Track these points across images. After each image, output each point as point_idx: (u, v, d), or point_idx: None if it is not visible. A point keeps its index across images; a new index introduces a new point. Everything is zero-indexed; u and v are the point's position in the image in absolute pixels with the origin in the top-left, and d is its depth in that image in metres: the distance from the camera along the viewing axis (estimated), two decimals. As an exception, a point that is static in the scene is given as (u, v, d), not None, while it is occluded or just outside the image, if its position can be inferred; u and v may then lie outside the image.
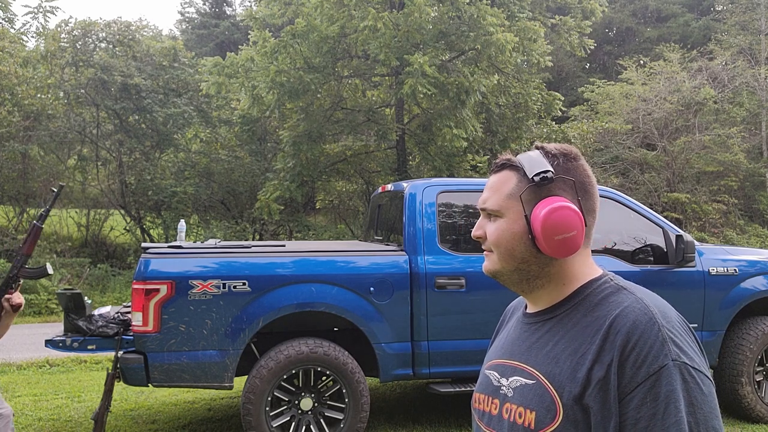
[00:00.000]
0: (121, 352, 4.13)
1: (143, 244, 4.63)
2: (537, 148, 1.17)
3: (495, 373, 1.20)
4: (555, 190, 1.12)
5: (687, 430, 0.95)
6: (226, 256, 4.28)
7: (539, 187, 1.12)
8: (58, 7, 31.33)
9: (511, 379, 1.15)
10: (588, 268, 1.15)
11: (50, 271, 2.95)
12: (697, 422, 0.96)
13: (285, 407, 4.23)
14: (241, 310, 4.13)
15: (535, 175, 1.11)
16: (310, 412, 4.25)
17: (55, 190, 2.98)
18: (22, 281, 2.90)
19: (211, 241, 5.02)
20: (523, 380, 1.12)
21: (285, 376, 4.18)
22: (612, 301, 1.07)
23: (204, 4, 33.98)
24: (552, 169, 1.11)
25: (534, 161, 1.14)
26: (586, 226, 1.11)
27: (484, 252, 1.19)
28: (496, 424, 1.16)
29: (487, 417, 1.19)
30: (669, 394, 0.95)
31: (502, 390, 1.16)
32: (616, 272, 4.26)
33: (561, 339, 1.09)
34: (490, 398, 1.19)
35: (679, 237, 4.74)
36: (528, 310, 1.20)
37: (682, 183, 17.08)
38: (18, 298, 2.88)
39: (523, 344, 1.17)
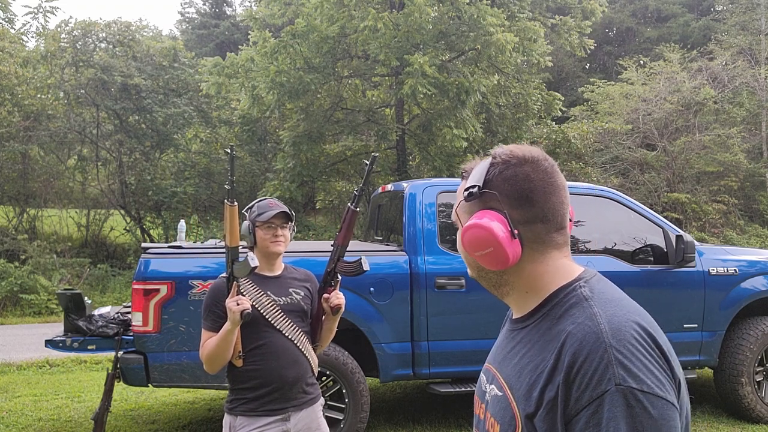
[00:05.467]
0: (121, 352, 4.14)
1: (143, 244, 4.63)
2: (492, 155, 1.13)
3: (484, 377, 1.20)
4: (489, 203, 1.09)
5: None
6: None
7: (471, 203, 1.11)
8: (58, 8, 31.35)
9: (490, 387, 1.13)
10: (555, 275, 1.09)
11: (366, 267, 2.43)
12: None
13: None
14: (241, 310, 4.11)
15: (465, 190, 1.11)
16: (310, 412, 4.24)
17: (368, 162, 2.45)
18: (340, 278, 2.44)
19: (211, 241, 5.02)
20: (496, 390, 1.10)
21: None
22: (571, 315, 1.02)
23: (204, 4, 33.99)
24: (480, 184, 1.09)
25: (474, 174, 1.12)
26: (515, 238, 1.06)
27: None
28: (482, 429, 1.14)
29: (477, 419, 1.19)
30: (609, 421, 0.90)
31: (486, 396, 1.15)
32: (616, 273, 4.21)
33: (528, 351, 1.06)
34: (480, 402, 1.19)
35: (679, 237, 4.74)
36: (513, 316, 1.18)
37: (682, 183, 17.08)
38: (337, 298, 2.39)
39: (502, 351, 1.15)
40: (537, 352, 1.03)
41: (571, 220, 1.18)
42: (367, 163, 2.45)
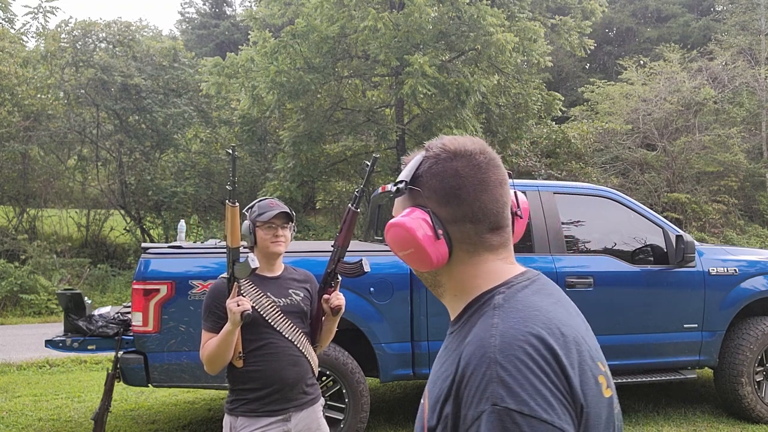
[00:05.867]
0: (121, 352, 4.13)
1: (143, 244, 4.63)
2: (426, 148, 1.05)
3: None
4: (417, 200, 1.02)
5: None
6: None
7: (401, 198, 1.05)
8: (58, 8, 31.35)
9: None
10: (486, 278, 1.01)
11: (367, 268, 2.36)
12: None
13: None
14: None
15: (394, 185, 1.04)
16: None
17: (369, 163, 2.41)
18: (340, 279, 2.39)
19: (211, 242, 5.02)
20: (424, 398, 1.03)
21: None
22: (476, 324, 0.94)
23: (204, 4, 33.99)
24: (408, 180, 1.02)
25: (406, 168, 1.05)
26: (439, 238, 0.99)
27: None
28: None
29: None
30: None
31: None
32: (616, 273, 4.20)
33: (446, 360, 0.97)
34: None
35: (679, 237, 4.74)
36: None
37: (682, 183, 17.08)
38: (337, 299, 2.36)
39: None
40: (451, 361, 0.94)
41: (520, 217, 1.12)
42: (368, 163, 2.45)
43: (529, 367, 0.84)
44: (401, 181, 1.03)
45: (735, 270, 4.99)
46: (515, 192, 1.13)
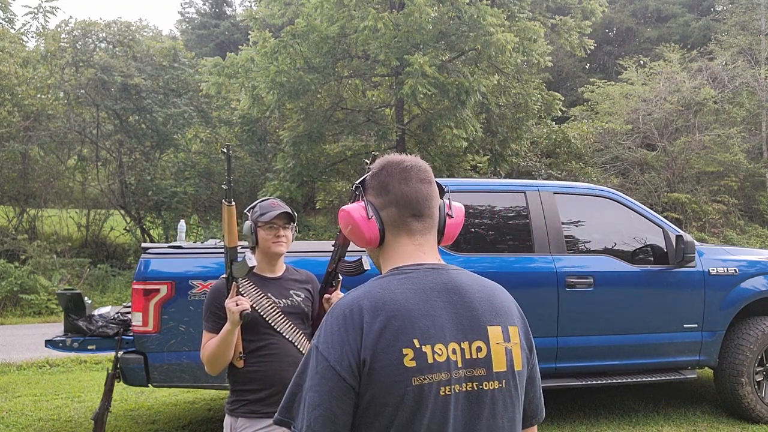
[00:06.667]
0: (121, 353, 4.13)
1: (143, 245, 4.62)
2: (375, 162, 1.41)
3: None
4: (363, 195, 1.37)
5: (293, 391, 1.20)
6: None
7: (356, 193, 1.41)
8: (58, 8, 31.34)
9: None
10: (393, 260, 1.32)
11: (366, 266, 2.35)
12: (297, 384, 1.20)
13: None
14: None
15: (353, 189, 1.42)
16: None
17: (368, 162, 2.48)
18: (341, 278, 2.41)
19: (211, 241, 5.02)
20: None
21: (285, 377, 4.18)
22: None
23: (204, 4, 34.00)
24: (358, 184, 1.39)
25: (360, 179, 1.42)
26: (370, 218, 1.32)
27: None
28: None
29: None
30: (304, 362, 1.21)
31: None
32: (616, 273, 4.20)
33: None
34: None
35: (679, 237, 4.73)
36: None
37: (682, 183, 17.08)
38: (338, 298, 2.45)
39: None
40: None
41: (452, 217, 1.40)
42: (368, 162, 2.46)
43: (339, 322, 1.18)
44: (356, 186, 1.39)
45: (735, 270, 4.98)
46: (449, 198, 1.43)
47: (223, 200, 2.24)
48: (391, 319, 1.16)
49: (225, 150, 2.27)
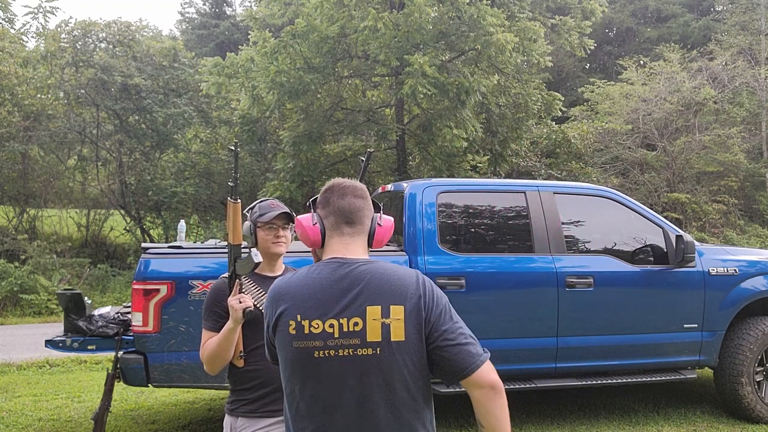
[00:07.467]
0: (121, 353, 4.13)
1: (143, 245, 4.62)
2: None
3: None
4: (314, 207, 1.82)
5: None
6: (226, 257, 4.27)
7: (308, 206, 1.86)
8: (58, 8, 31.33)
9: None
10: (325, 255, 1.74)
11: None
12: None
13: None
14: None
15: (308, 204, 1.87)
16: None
17: (364, 158, 2.46)
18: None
19: (211, 242, 5.02)
20: None
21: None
22: None
23: (204, 4, 34.00)
24: (311, 201, 1.83)
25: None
26: (315, 224, 1.75)
27: None
28: None
29: None
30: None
31: None
32: (616, 272, 4.22)
33: None
34: None
35: (679, 237, 4.74)
36: None
37: (682, 183, 17.08)
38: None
39: None
40: None
41: (381, 225, 1.77)
42: (364, 159, 2.48)
43: (267, 301, 1.74)
44: (309, 203, 1.84)
45: (735, 270, 4.99)
46: (381, 211, 1.83)
47: (229, 197, 2.27)
48: (282, 300, 1.65)
49: (233, 147, 2.30)
